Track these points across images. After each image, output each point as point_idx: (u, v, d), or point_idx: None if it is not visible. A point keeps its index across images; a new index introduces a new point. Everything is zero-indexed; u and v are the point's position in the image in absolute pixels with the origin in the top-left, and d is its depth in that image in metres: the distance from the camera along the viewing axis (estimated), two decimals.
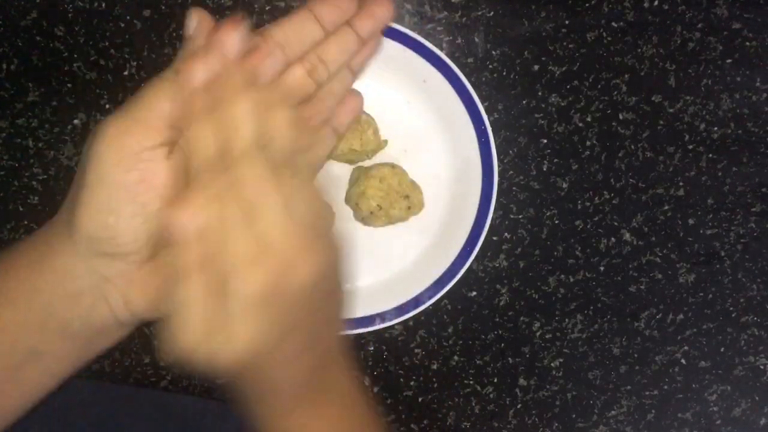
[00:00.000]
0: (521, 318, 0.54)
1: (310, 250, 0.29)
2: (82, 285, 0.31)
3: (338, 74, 0.37)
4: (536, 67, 0.51)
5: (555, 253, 0.53)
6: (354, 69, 0.38)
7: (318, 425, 0.35)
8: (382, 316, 0.50)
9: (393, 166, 0.49)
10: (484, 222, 0.49)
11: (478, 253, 0.50)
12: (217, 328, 0.29)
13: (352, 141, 0.47)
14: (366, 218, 0.49)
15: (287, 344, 0.31)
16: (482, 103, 0.48)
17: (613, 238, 0.54)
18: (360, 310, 0.50)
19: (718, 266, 0.55)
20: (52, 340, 0.32)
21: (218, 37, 0.31)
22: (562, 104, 0.52)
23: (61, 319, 0.32)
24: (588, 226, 0.53)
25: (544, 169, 0.52)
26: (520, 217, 0.53)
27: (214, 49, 0.30)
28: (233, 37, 0.31)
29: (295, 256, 0.29)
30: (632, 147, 0.53)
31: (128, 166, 0.30)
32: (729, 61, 0.52)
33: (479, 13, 0.50)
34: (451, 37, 0.50)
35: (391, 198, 0.49)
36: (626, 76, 0.52)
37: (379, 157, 0.50)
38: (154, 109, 0.30)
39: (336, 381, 0.36)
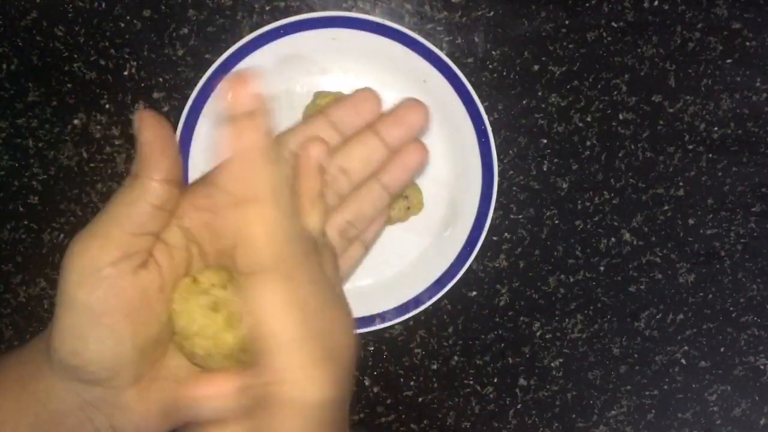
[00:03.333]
0: (521, 318, 0.54)
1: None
2: (66, 407, 0.29)
3: (369, 190, 0.33)
4: (536, 67, 0.51)
5: (555, 253, 0.53)
6: (388, 186, 0.34)
7: None
8: (382, 316, 0.50)
9: None
10: (484, 222, 0.49)
11: (478, 253, 0.49)
12: None
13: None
14: None
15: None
16: (482, 103, 0.48)
17: (613, 238, 0.54)
18: (360, 310, 0.50)
19: (718, 266, 0.55)
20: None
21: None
22: (562, 104, 0.52)
23: None
24: (588, 226, 0.53)
25: (544, 169, 0.52)
26: (520, 217, 0.53)
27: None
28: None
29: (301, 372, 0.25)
30: (632, 147, 0.53)
31: (90, 286, 0.27)
32: (729, 61, 0.52)
33: (479, 13, 0.50)
34: (451, 37, 0.50)
35: None
36: (626, 76, 0.52)
37: None
38: (115, 219, 0.28)
39: None
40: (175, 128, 0.47)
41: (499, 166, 0.49)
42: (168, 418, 0.31)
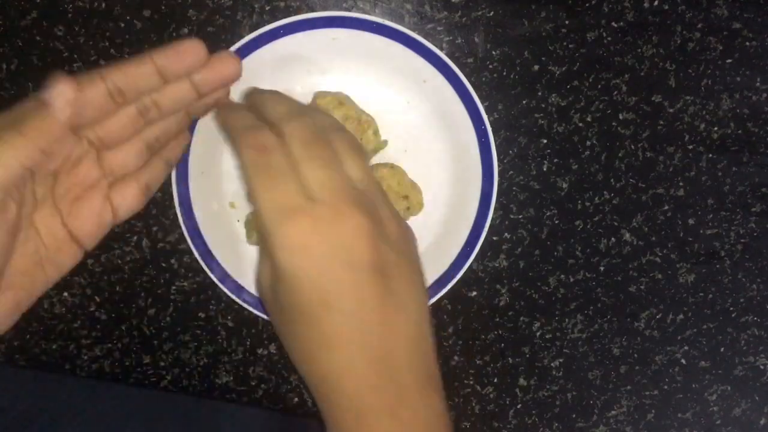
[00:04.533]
0: (521, 318, 0.54)
1: (356, 204, 0.33)
2: None
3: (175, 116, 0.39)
4: (536, 67, 0.51)
5: (555, 253, 0.53)
6: (193, 113, 0.40)
7: None
8: None
9: (392, 166, 0.49)
10: (484, 222, 0.49)
11: (478, 253, 0.49)
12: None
13: None
14: None
15: (328, 318, 0.31)
16: (482, 103, 0.48)
17: (613, 238, 0.54)
18: None
19: (718, 266, 0.55)
20: None
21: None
22: (562, 104, 0.52)
23: None
24: (588, 226, 0.53)
25: (544, 169, 0.52)
26: (520, 217, 0.53)
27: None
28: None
29: (337, 206, 0.32)
30: (632, 147, 0.53)
31: None
32: (729, 61, 0.52)
33: (479, 13, 0.50)
34: (451, 37, 0.50)
35: (390, 198, 0.49)
36: (626, 76, 0.52)
37: (379, 158, 0.50)
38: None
39: (426, 404, 0.34)
40: None
41: (499, 166, 0.49)
42: (11, 321, 0.34)
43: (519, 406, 0.55)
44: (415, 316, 0.34)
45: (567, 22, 0.51)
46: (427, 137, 0.50)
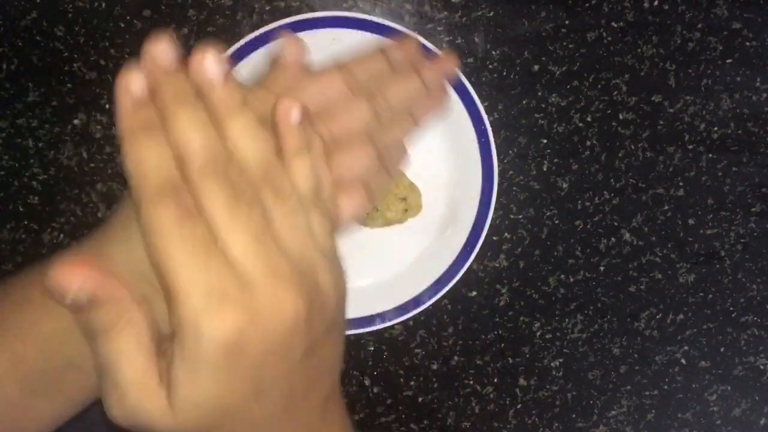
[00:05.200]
0: (521, 318, 0.54)
1: (294, 285, 0.25)
2: None
3: (401, 119, 0.37)
4: (536, 67, 0.51)
5: (555, 253, 0.53)
6: (416, 118, 0.38)
7: None
8: (382, 316, 0.50)
9: None
10: (484, 222, 0.49)
11: (478, 253, 0.49)
12: (160, 385, 0.25)
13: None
14: (362, 219, 0.49)
15: (259, 406, 0.27)
16: (482, 103, 0.48)
17: (613, 238, 0.54)
18: (360, 310, 0.50)
19: (718, 266, 0.55)
20: (87, 355, 0.30)
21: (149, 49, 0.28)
22: (562, 104, 0.52)
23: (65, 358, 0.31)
24: (588, 226, 0.53)
25: (544, 169, 0.52)
26: (520, 217, 0.53)
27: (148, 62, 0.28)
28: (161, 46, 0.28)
29: (275, 293, 0.25)
30: (632, 147, 0.53)
31: None
32: (729, 61, 0.52)
33: (479, 13, 0.50)
34: (451, 37, 0.50)
35: (387, 200, 0.49)
36: (626, 76, 0.52)
37: None
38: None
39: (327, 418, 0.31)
40: None
41: (499, 166, 0.49)
42: None
43: (519, 406, 0.55)
44: (335, 370, 0.32)
45: (567, 22, 0.51)
46: (427, 137, 0.50)
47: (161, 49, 0.28)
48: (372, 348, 0.53)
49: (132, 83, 0.27)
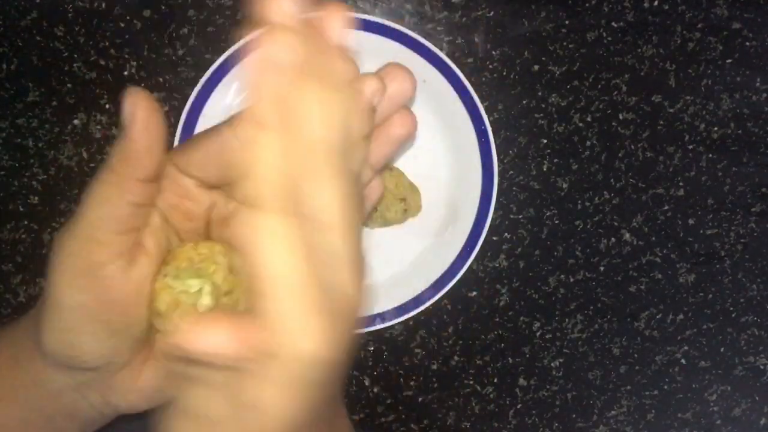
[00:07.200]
0: (521, 318, 0.54)
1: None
2: (59, 386, 0.29)
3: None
4: (536, 67, 0.51)
5: (555, 253, 0.53)
6: (372, 163, 0.31)
7: None
8: (382, 316, 0.50)
9: (390, 168, 0.49)
10: (484, 222, 0.49)
11: (478, 253, 0.49)
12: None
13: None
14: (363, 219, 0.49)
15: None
16: (482, 103, 0.48)
17: (613, 238, 0.54)
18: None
19: (718, 266, 0.55)
20: (79, 404, 0.31)
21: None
22: (562, 104, 0.52)
23: (44, 416, 0.30)
24: (588, 226, 0.53)
25: (544, 169, 0.52)
26: (520, 217, 0.53)
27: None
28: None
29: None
30: (632, 147, 0.53)
31: (81, 287, 0.27)
32: (729, 61, 0.52)
33: (479, 13, 0.50)
34: (451, 37, 0.50)
35: (387, 201, 0.49)
36: (626, 76, 0.52)
37: None
38: (98, 220, 0.27)
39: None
40: (175, 128, 0.47)
41: (499, 166, 0.49)
42: (162, 393, 0.30)
43: (519, 406, 0.55)
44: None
45: (567, 22, 0.51)
46: (427, 137, 0.50)
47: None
48: (372, 348, 0.53)
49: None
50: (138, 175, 0.27)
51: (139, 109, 0.26)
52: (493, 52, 0.51)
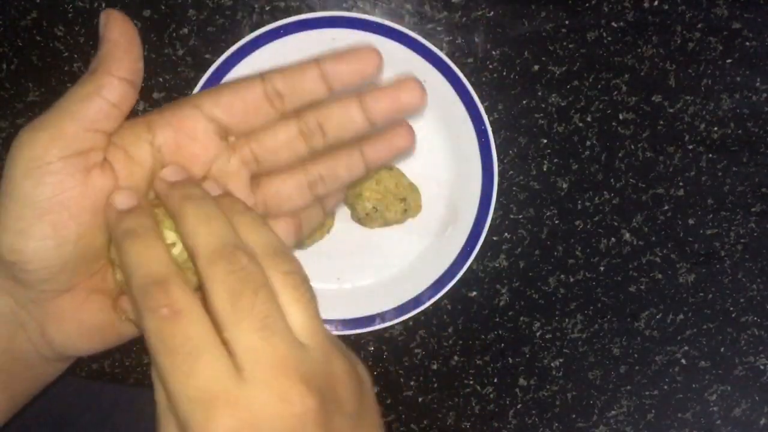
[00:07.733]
0: (521, 318, 0.54)
1: (303, 379, 0.24)
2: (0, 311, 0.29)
3: (349, 154, 0.31)
4: (536, 67, 0.51)
5: (555, 253, 0.53)
6: (368, 159, 0.31)
7: None
8: (382, 316, 0.50)
9: (390, 167, 0.49)
10: (484, 222, 0.49)
11: (478, 253, 0.49)
12: None
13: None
14: (362, 219, 0.49)
15: None
16: (482, 103, 0.48)
17: (613, 238, 0.54)
18: (360, 310, 0.50)
19: (718, 266, 0.55)
20: (30, 345, 0.30)
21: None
22: (562, 104, 0.52)
23: None
24: (588, 226, 0.53)
25: (544, 169, 0.52)
26: (520, 217, 0.53)
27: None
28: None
29: (280, 390, 0.23)
30: (632, 147, 0.53)
31: (37, 179, 0.26)
32: (729, 61, 0.52)
33: (479, 13, 0.50)
34: (451, 37, 0.50)
35: (387, 201, 0.49)
36: (626, 76, 0.52)
37: None
38: (68, 113, 0.27)
39: None
40: None
41: (499, 166, 0.49)
42: (102, 336, 0.30)
43: (519, 406, 0.55)
44: None
45: (567, 22, 0.51)
46: (427, 137, 0.50)
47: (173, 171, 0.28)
48: (372, 348, 0.53)
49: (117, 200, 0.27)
50: (116, 73, 0.28)
51: (115, 19, 0.29)
52: (493, 52, 0.51)
